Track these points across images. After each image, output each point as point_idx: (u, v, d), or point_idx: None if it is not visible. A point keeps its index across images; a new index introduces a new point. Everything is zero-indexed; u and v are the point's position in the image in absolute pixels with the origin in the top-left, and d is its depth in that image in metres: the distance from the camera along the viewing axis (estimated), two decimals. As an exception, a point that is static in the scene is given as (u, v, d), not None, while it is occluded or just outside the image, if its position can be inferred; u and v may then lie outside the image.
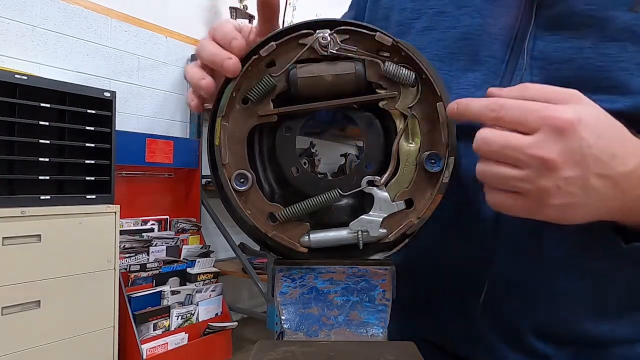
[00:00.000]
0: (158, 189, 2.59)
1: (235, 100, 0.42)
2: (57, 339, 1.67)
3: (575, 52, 0.42)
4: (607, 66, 0.41)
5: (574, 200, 0.33)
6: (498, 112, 0.34)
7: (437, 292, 0.54)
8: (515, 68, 0.45)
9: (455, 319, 0.52)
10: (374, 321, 0.38)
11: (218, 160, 0.42)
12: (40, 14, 2.15)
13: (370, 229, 0.42)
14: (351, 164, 0.52)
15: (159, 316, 2.18)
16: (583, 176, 0.33)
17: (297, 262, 0.44)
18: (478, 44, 0.47)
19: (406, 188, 0.43)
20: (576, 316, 0.46)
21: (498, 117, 0.34)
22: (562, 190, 0.33)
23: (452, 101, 0.39)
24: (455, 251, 0.50)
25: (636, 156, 0.34)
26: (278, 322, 0.39)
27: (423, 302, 0.56)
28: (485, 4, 0.47)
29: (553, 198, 0.33)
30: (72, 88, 1.79)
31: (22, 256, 1.58)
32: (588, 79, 0.41)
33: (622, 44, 0.41)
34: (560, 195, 0.33)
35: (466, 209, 0.48)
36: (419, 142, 0.43)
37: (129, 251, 2.21)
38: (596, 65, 0.41)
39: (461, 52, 0.48)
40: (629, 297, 0.46)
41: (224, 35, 0.41)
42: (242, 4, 2.94)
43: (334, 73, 0.42)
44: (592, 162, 0.32)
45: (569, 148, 0.32)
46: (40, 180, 1.67)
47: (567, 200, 0.33)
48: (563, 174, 0.32)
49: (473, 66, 0.47)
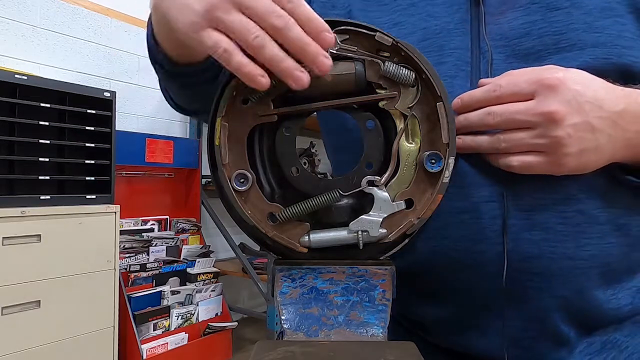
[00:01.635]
0: (158, 189, 2.59)
1: (235, 100, 0.42)
2: (57, 339, 1.67)
3: (528, 26, 0.47)
4: (560, 30, 0.46)
5: (586, 145, 0.38)
6: (499, 90, 0.39)
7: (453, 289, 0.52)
8: (480, 52, 0.48)
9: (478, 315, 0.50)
10: (374, 321, 0.38)
11: (218, 160, 0.42)
12: (40, 14, 2.15)
13: (370, 229, 0.42)
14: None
15: (159, 316, 2.18)
16: (586, 121, 0.37)
17: (297, 262, 0.44)
18: (440, 40, 0.50)
19: (406, 188, 0.43)
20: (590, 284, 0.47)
21: (499, 95, 0.39)
22: (574, 137, 0.37)
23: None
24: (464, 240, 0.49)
25: (623, 97, 0.39)
26: (278, 322, 0.39)
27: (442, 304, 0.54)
28: (434, 7, 0.51)
29: (568, 146, 0.37)
30: (72, 88, 1.79)
31: (22, 256, 1.57)
32: (548, 44, 0.46)
33: (566, 10, 0.46)
34: (573, 142, 0.37)
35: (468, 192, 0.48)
36: (419, 142, 0.43)
37: (129, 251, 2.21)
38: (551, 31, 0.46)
39: (427, 50, 0.50)
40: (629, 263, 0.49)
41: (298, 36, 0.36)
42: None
43: (334, 73, 0.42)
44: (589, 108, 0.37)
45: (565, 99, 0.37)
46: (40, 180, 1.67)
47: (581, 146, 0.37)
48: (569, 122, 0.37)
49: (442, 59, 0.49)
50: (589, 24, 0.45)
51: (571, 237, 0.45)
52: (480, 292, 0.49)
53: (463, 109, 0.44)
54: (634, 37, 0.46)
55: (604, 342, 0.49)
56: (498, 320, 0.49)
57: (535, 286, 0.47)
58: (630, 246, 0.48)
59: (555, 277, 0.46)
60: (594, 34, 0.45)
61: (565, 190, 0.45)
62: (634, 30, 0.46)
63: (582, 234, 0.45)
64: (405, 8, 0.53)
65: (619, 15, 0.46)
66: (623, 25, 0.46)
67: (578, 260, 0.46)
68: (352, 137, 0.54)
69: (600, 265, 0.46)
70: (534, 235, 0.45)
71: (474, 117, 0.43)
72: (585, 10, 0.46)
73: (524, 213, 0.46)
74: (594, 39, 0.45)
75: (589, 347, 0.49)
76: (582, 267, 0.46)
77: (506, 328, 0.49)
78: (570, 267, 0.46)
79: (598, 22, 0.45)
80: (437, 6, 0.52)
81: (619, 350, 0.49)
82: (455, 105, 0.44)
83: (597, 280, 0.47)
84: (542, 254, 0.46)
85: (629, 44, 0.45)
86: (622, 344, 0.49)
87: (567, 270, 0.46)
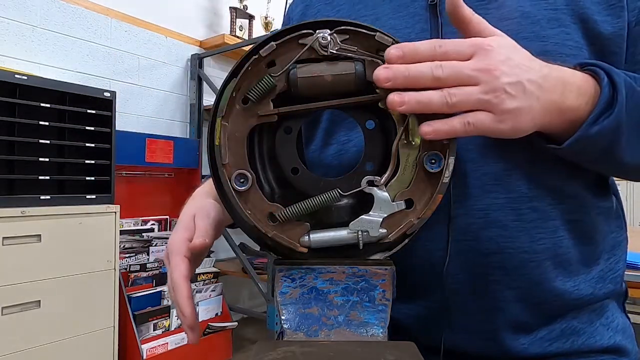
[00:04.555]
0: (158, 189, 2.59)
1: (235, 100, 0.42)
2: (57, 339, 1.67)
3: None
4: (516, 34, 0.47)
5: (521, 103, 0.40)
6: (444, 46, 0.40)
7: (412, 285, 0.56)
8: None
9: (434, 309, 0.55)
10: (374, 321, 0.38)
11: (218, 160, 0.42)
12: (40, 14, 2.15)
13: (370, 229, 0.42)
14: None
15: (159, 316, 2.17)
16: (520, 82, 0.40)
17: (297, 262, 0.44)
18: None
19: (406, 188, 0.43)
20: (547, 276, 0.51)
21: (445, 51, 0.40)
22: (511, 95, 0.40)
23: None
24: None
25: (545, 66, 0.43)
26: (278, 322, 0.39)
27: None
28: (396, 20, 0.55)
29: (506, 102, 0.40)
30: (72, 88, 1.79)
31: (22, 256, 1.57)
32: None
33: (517, 20, 0.50)
34: (510, 98, 0.40)
35: None
36: (419, 142, 0.43)
37: (129, 251, 2.21)
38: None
39: None
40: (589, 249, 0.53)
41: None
42: (242, 4, 2.94)
43: (334, 73, 0.42)
44: (520, 71, 0.40)
45: (499, 60, 0.40)
46: (40, 180, 1.67)
47: (516, 104, 0.40)
48: (505, 80, 0.39)
49: None
50: (535, 33, 0.49)
51: (525, 233, 0.50)
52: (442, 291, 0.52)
53: (402, 60, 0.40)
54: (577, 45, 0.50)
55: (563, 329, 0.53)
56: (462, 316, 0.53)
57: (496, 280, 0.51)
58: (580, 239, 0.52)
59: (514, 270, 0.50)
60: (540, 43, 0.49)
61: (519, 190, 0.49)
62: (577, 39, 0.50)
63: (536, 229, 0.50)
64: (372, 22, 0.52)
65: (565, 25, 0.50)
66: (567, 34, 0.50)
67: (533, 253, 0.50)
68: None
69: (552, 257, 0.50)
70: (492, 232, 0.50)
71: (425, 68, 0.40)
72: (534, 20, 0.50)
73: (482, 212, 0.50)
74: (540, 47, 0.48)
75: (550, 333, 0.53)
76: (537, 260, 0.50)
77: (470, 322, 0.53)
78: (526, 260, 0.50)
79: (544, 32, 0.49)
80: (399, 19, 0.55)
81: (577, 335, 0.53)
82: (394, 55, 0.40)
83: (553, 272, 0.51)
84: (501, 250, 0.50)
85: (572, 52, 0.49)
86: (580, 330, 0.53)
87: (524, 263, 0.50)
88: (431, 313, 0.55)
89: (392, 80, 0.40)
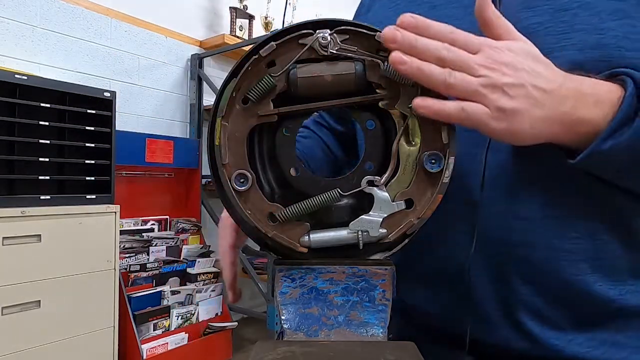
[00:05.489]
0: (158, 189, 2.59)
1: (235, 100, 0.42)
2: (57, 339, 1.67)
3: (537, 26, 0.48)
4: (564, 30, 0.47)
5: (519, 106, 0.39)
6: (455, 33, 0.40)
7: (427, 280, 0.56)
8: None
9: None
10: (374, 321, 0.38)
11: (218, 160, 0.42)
12: (40, 14, 2.15)
13: (370, 229, 0.42)
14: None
15: (159, 316, 2.18)
16: (522, 85, 0.39)
17: (297, 262, 0.44)
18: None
19: (406, 188, 0.43)
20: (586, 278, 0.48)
21: (455, 37, 0.40)
22: (507, 95, 0.39)
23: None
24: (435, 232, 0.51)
25: (562, 76, 0.41)
26: (278, 322, 0.39)
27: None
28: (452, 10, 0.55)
29: (502, 100, 0.39)
30: (72, 88, 1.79)
31: (22, 256, 1.58)
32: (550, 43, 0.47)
33: (573, 11, 0.47)
34: (507, 97, 0.39)
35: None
36: (419, 142, 0.43)
37: (129, 251, 2.21)
38: (555, 31, 0.47)
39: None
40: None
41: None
42: (242, 4, 2.94)
43: (334, 73, 0.41)
44: (526, 74, 0.39)
45: (503, 61, 0.39)
46: (40, 180, 1.67)
47: (513, 105, 0.39)
48: (505, 80, 0.39)
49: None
50: (593, 25, 0.46)
51: (553, 229, 0.48)
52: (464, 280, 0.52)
53: (414, 29, 0.40)
54: None
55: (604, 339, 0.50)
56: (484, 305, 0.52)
57: (518, 272, 0.50)
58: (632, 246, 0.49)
59: (537, 264, 0.49)
60: (597, 35, 0.45)
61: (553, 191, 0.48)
62: None
63: (569, 227, 0.48)
64: (427, 11, 0.54)
65: (631, 16, 0.46)
66: (633, 27, 0.45)
67: (562, 251, 0.48)
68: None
69: (589, 259, 0.48)
70: (518, 224, 0.48)
71: (433, 45, 0.40)
72: (594, 11, 0.46)
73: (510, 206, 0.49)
74: (595, 40, 0.45)
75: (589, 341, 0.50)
76: (568, 259, 0.48)
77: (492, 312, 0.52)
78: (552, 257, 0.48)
79: (604, 24, 0.46)
80: (455, 9, 0.54)
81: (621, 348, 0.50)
82: (408, 21, 0.40)
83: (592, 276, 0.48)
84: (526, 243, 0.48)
85: (634, 45, 0.45)
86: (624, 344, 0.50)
87: (550, 259, 0.48)
88: (453, 302, 0.54)
89: (398, 42, 0.40)
